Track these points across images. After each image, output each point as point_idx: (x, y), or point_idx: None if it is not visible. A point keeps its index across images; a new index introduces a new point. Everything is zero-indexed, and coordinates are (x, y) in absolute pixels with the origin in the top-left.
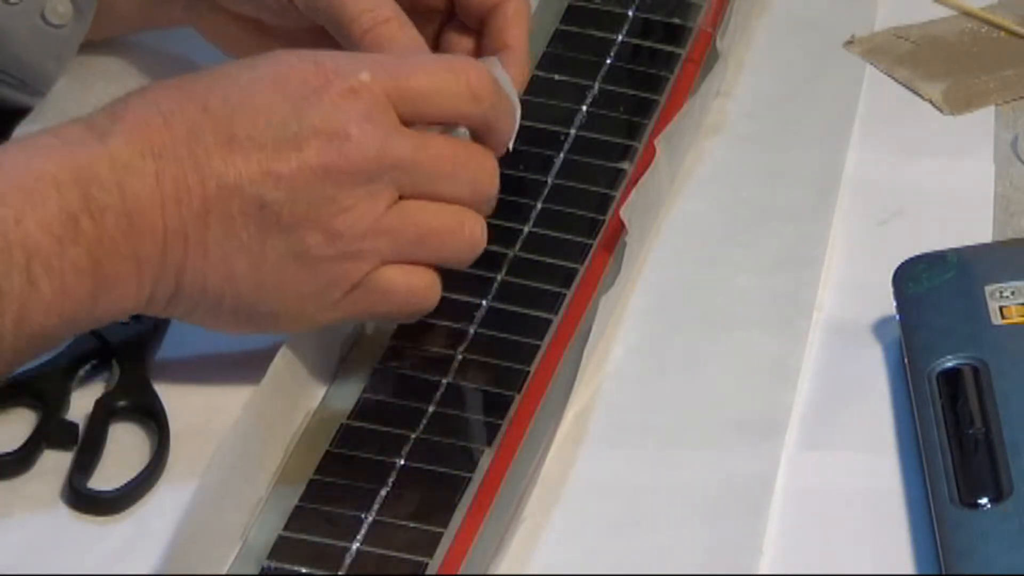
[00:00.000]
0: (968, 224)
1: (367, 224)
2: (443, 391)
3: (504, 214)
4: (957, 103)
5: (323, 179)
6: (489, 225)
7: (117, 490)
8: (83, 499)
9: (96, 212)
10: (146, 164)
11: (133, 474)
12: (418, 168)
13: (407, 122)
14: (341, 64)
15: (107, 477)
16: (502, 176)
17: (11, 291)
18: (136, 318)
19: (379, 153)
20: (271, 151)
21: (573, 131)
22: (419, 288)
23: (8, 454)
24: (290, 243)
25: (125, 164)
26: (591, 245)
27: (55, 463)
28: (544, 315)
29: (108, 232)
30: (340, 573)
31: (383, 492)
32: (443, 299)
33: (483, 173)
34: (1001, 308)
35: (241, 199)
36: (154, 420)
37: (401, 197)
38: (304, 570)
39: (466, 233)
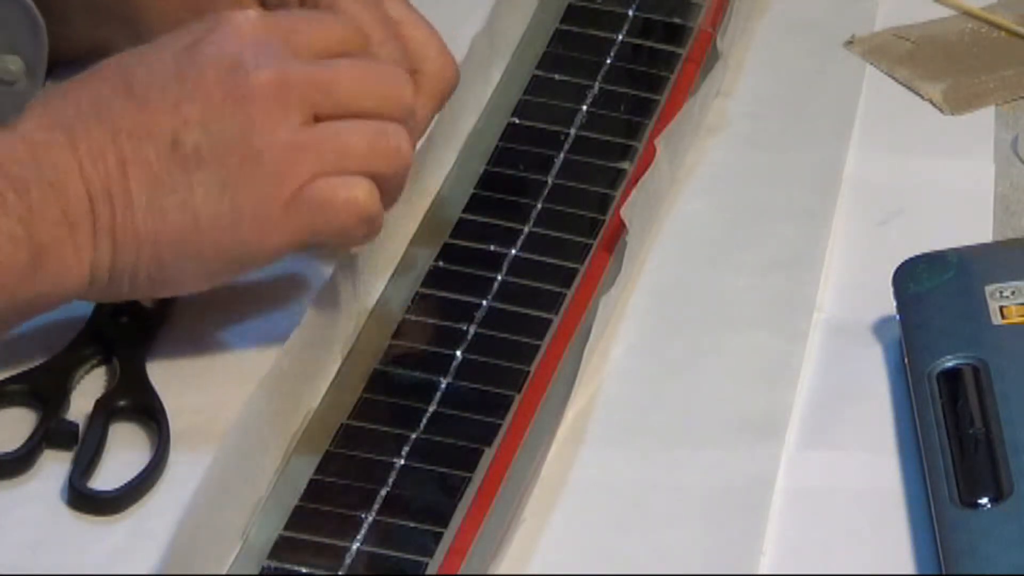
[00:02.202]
0: (968, 224)
1: (285, 139)
2: (443, 391)
3: (504, 214)
4: (957, 103)
5: (230, 106)
6: (489, 225)
7: (117, 490)
8: (83, 499)
9: (20, 187)
10: (56, 136)
11: (133, 474)
12: (324, 85)
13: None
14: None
15: (107, 477)
16: (503, 176)
17: None
18: (136, 318)
19: (278, 73)
20: (173, 94)
21: (573, 131)
22: (357, 198)
23: (8, 454)
24: (214, 174)
25: (38, 141)
26: (591, 245)
27: (55, 463)
28: (544, 315)
29: (35, 202)
30: (340, 573)
31: (383, 492)
32: (443, 299)
33: (395, 84)
34: (1001, 308)
35: (155, 144)
36: (154, 420)
37: (318, 119)
38: (304, 570)
39: (391, 143)
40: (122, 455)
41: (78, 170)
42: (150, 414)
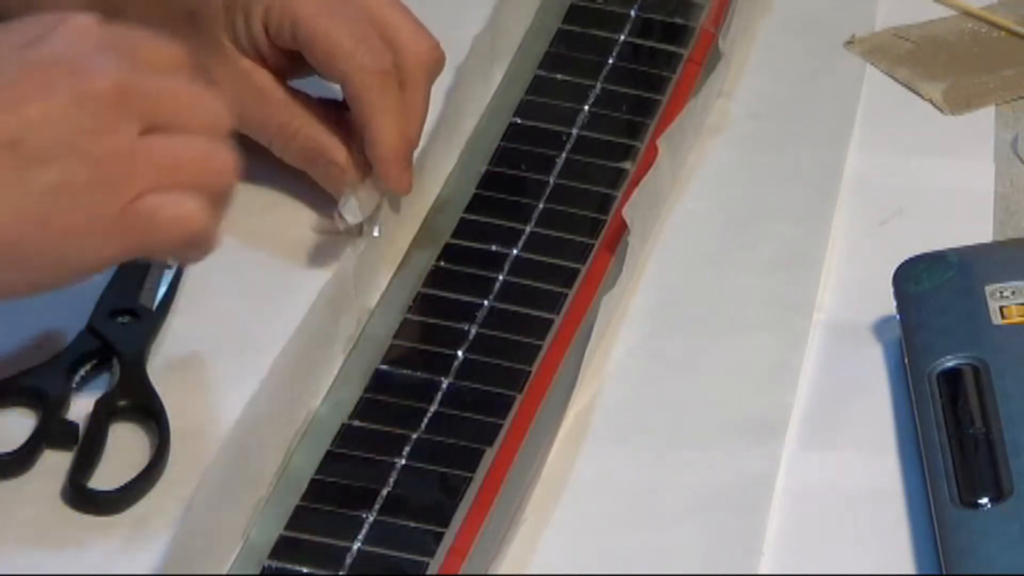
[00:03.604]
0: (968, 224)
1: (122, 147)
2: (444, 391)
3: (506, 214)
4: (957, 103)
5: (72, 107)
6: (491, 225)
7: (117, 490)
8: (83, 499)
9: None
10: None
11: (133, 474)
12: (160, 97)
13: None
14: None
15: (107, 477)
16: (504, 176)
17: None
18: (136, 318)
19: (120, 78)
20: (11, 92)
21: (575, 131)
22: (187, 215)
23: (8, 454)
24: (50, 174)
25: None
26: (593, 245)
27: (55, 463)
28: (546, 315)
29: None
30: (341, 573)
31: (384, 492)
32: (444, 299)
33: (219, 108)
34: (1001, 308)
35: None
36: (154, 420)
37: (151, 130)
38: (305, 570)
39: (221, 159)
40: (122, 455)
41: None
42: (150, 414)
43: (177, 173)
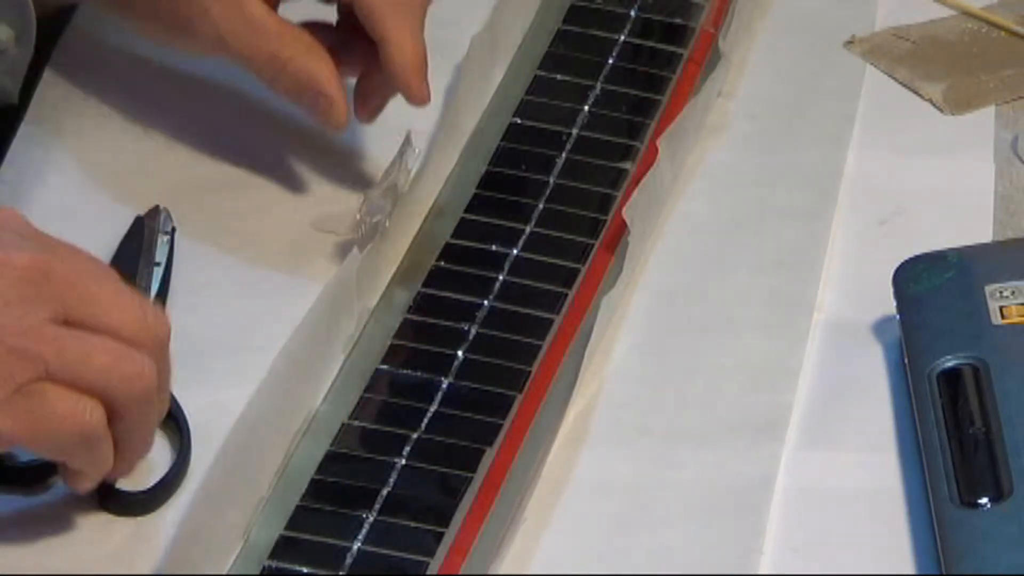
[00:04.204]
0: (968, 224)
1: (30, 322)
2: (444, 391)
3: (506, 214)
4: (957, 103)
5: None
6: (491, 225)
7: (145, 492)
8: (110, 498)
9: None
10: None
11: (153, 476)
12: (80, 287)
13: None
14: None
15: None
16: (504, 176)
17: None
18: None
19: (40, 259)
20: None
21: (575, 131)
22: (82, 412)
23: (25, 463)
24: None
25: None
26: (593, 245)
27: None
28: (546, 315)
29: None
30: (341, 573)
31: (384, 492)
32: (445, 299)
33: (153, 315)
34: (1001, 308)
35: None
36: (172, 419)
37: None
38: (305, 570)
39: (134, 366)
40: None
41: None
42: (169, 415)
43: (82, 366)
